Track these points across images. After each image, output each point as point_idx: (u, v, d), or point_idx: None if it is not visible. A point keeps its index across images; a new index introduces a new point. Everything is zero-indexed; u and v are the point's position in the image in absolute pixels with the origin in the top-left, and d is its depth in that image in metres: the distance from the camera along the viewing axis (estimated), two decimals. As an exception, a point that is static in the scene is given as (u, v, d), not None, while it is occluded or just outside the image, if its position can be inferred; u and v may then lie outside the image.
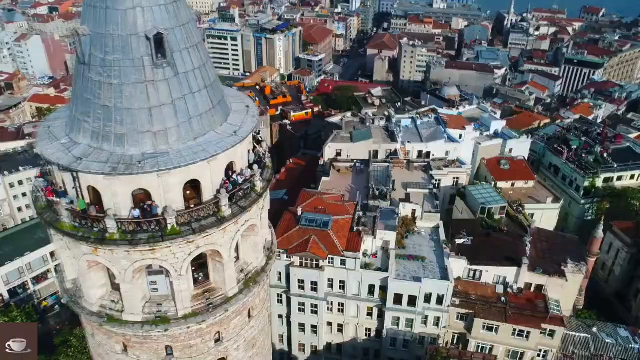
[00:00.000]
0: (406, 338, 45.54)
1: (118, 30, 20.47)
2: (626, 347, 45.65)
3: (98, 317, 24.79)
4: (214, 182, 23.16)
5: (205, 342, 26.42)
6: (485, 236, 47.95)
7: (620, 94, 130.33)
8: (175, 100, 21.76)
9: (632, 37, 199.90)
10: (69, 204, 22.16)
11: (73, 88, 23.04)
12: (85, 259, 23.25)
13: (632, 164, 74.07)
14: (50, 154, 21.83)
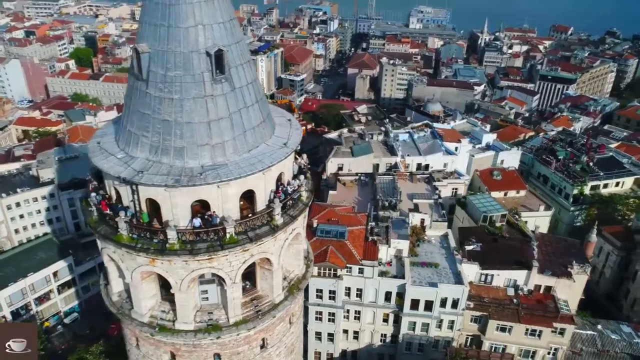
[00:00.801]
0: (421, 342, 46.62)
1: (180, 47, 21.44)
2: (630, 342, 47.86)
3: (149, 327, 25.20)
4: (266, 193, 24.08)
5: (252, 349, 27.02)
6: (492, 242, 49.75)
7: (595, 107, 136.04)
8: (232, 114, 22.74)
9: (600, 53, 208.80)
10: (127, 217, 22.79)
11: (126, 104, 23.78)
12: (140, 270, 23.76)
13: (617, 172, 77.51)
14: (108, 167, 22.48)
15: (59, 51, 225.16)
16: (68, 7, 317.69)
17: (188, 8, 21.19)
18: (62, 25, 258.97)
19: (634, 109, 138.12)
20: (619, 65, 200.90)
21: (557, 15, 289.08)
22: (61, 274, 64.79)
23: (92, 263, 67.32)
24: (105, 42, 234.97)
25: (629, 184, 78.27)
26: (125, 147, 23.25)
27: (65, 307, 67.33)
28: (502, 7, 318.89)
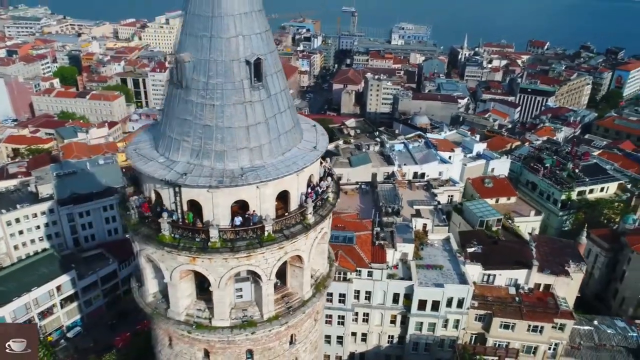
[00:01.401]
0: (428, 342, 48.12)
1: (222, 56, 22.94)
2: (625, 335, 50.28)
3: (186, 325, 26.22)
4: (299, 193, 25.54)
5: (282, 345, 28.15)
6: (492, 244, 51.82)
7: (574, 117, 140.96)
8: (268, 119, 24.24)
9: (576, 67, 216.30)
10: (169, 218, 23.99)
11: (165, 112, 25.07)
12: (180, 269, 24.88)
13: (602, 178, 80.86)
14: (152, 171, 23.67)
15: (42, 70, 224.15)
16: (50, 27, 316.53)
17: (229, 20, 22.77)
18: (44, 44, 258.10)
19: (611, 119, 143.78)
20: (595, 78, 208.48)
21: (533, 31, 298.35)
22: (64, 288, 64.77)
23: (93, 277, 67.44)
24: (90, 60, 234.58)
25: (613, 189, 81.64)
26: (166, 152, 24.49)
27: (68, 321, 67.12)
28: (480, 23, 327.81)
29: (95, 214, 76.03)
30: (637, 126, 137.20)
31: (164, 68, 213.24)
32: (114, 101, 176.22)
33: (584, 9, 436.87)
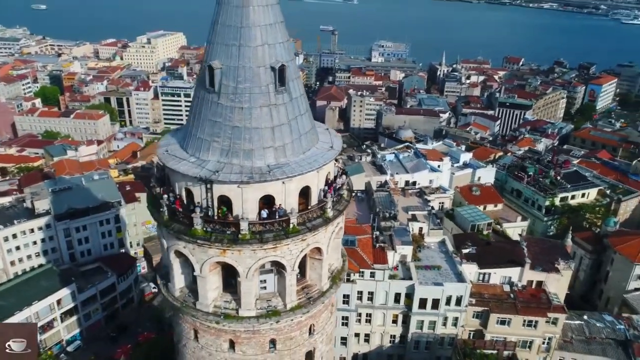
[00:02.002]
0: (428, 340, 50.06)
1: (250, 63, 25.05)
2: (613, 328, 52.98)
3: (214, 316, 27.78)
4: (318, 189, 27.58)
5: (302, 334, 29.83)
6: (486, 245, 54.36)
7: (552, 129, 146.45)
8: (290, 120, 26.33)
9: (551, 81, 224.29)
10: (201, 213, 25.74)
11: (194, 115, 26.96)
12: (210, 262, 26.55)
13: (583, 184, 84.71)
14: (185, 170, 25.49)
15: (23, 90, 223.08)
16: (29, 47, 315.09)
17: (256, 30, 24.95)
18: (24, 64, 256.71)
19: (587, 130, 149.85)
20: (569, 92, 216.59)
21: (508, 48, 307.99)
22: (64, 301, 64.95)
23: (93, 290, 67.79)
24: (72, 80, 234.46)
25: (593, 195, 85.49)
26: (196, 152, 26.34)
27: (68, 335, 67.09)
28: (457, 40, 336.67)
29: (91, 229, 76.52)
30: (612, 137, 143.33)
31: (148, 87, 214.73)
32: (99, 120, 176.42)
33: (555, 27, 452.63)
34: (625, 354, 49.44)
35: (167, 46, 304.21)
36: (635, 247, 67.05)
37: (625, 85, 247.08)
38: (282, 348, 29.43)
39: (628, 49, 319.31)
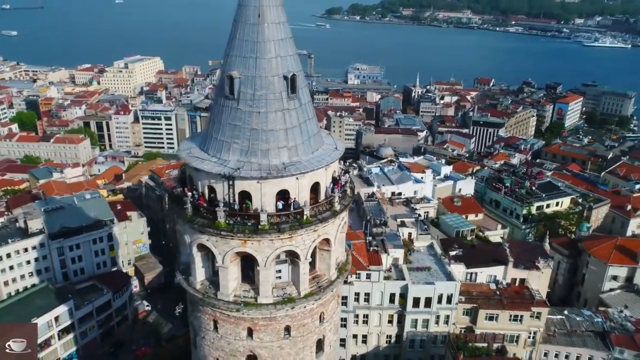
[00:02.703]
0: (422, 338, 52.70)
1: (265, 73, 28.15)
2: (592, 322, 56.57)
3: (235, 305, 30.14)
4: (327, 185, 30.53)
5: (314, 322, 32.31)
6: (471, 247, 57.75)
7: (525, 145, 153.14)
8: (300, 123, 29.39)
9: (521, 101, 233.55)
10: (225, 207, 28.35)
11: (214, 121, 29.76)
12: (231, 252, 29.06)
13: (556, 193, 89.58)
14: (210, 168, 28.20)
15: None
16: (3, 73, 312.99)
17: (270, 44, 28.16)
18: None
19: (557, 146, 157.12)
20: (538, 110, 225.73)
21: (478, 70, 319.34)
22: (62, 318, 65.22)
23: (89, 307, 68.39)
24: (49, 105, 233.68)
25: (566, 203, 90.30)
26: (217, 153, 29.09)
27: (64, 353, 67.10)
28: (429, 63, 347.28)
29: (84, 247, 77.23)
30: (581, 151, 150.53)
31: (128, 110, 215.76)
32: (80, 144, 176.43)
33: (522, 50, 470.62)
34: (604, 344, 52.98)
35: (144, 70, 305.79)
36: (608, 249, 71.40)
37: (590, 104, 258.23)
38: (296, 335, 31.83)
39: (590, 70, 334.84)
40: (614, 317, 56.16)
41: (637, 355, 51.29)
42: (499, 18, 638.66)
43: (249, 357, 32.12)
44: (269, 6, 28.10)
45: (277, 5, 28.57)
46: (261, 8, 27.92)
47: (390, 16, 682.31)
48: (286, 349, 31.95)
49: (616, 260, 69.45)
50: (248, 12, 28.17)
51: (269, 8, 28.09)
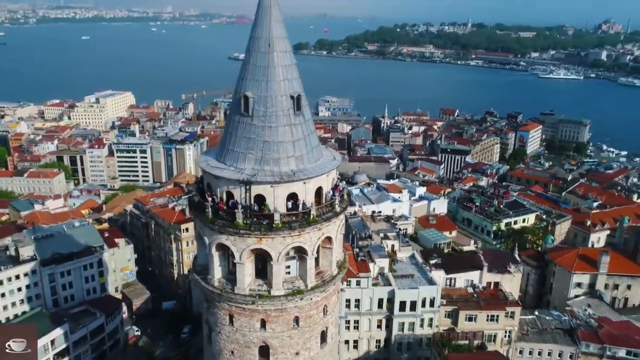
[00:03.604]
0: (409, 341, 56.61)
1: (275, 93, 32.84)
2: (560, 320, 61.84)
3: (251, 297, 33.86)
4: (328, 189, 35.06)
5: (319, 313, 36.18)
6: (449, 256, 62.70)
7: (491, 170, 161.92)
8: (305, 136, 34.04)
9: (485, 129, 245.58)
10: (242, 209, 32.44)
11: (230, 135, 34.02)
12: (248, 249, 33.01)
13: (522, 211, 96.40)
14: (229, 175, 32.38)
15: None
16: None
17: (279, 69, 32.99)
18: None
19: (521, 170, 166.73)
20: (501, 138, 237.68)
21: (443, 101, 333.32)
22: (57, 342, 66.01)
23: (84, 330, 69.56)
24: (19, 140, 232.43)
25: (532, 220, 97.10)
26: (234, 162, 33.32)
27: (59, 378, 67.82)
28: (396, 95, 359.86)
29: (75, 273, 78.43)
30: (543, 174, 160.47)
31: (102, 144, 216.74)
32: (54, 178, 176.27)
33: (483, 82, 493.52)
34: (572, 340, 58.13)
35: (116, 105, 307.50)
36: (571, 258, 77.62)
37: (549, 132, 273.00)
38: (304, 325, 35.61)
39: (547, 100, 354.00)
40: (579, 316, 61.69)
41: (601, 348, 56.66)
42: (460, 52, 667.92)
43: (261, 347, 35.64)
44: (277, 38, 33.08)
45: (284, 37, 33.58)
46: (271, 39, 32.85)
47: (356, 51, 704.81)
48: (295, 339, 35.62)
49: (579, 268, 75.58)
50: (260, 43, 33.03)
51: (277, 39, 33.05)
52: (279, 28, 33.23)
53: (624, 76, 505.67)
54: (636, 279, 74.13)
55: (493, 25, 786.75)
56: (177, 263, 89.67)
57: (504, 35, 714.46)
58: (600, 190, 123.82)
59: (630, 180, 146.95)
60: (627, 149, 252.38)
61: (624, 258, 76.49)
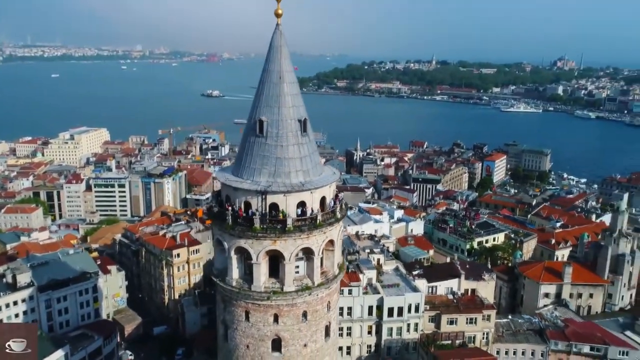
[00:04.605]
0: (397, 345, 61.57)
1: (285, 117, 38.76)
2: (531, 322, 68.08)
3: (266, 293, 38.84)
4: (330, 199, 40.82)
5: (323, 308, 41.21)
6: (429, 268, 68.65)
7: (461, 197, 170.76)
8: (310, 154, 39.95)
9: (453, 160, 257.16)
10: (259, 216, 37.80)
11: (246, 154, 39.62)
12: (263, 251, 38.21)
13: (492, 230, 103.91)
14: (247, 186, 37.81)
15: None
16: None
17: (288, 97, 39.09)
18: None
19: (489, 196, 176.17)
20: (469, 168, 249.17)
21: (412, 134, 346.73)
22: (58, 364, 68.14)
23: (82, 353, 71.59)
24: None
25: (502, 238, 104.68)
26: (250, 176, 38.79)
27: (59, 401, 69.10)
28: (367, 129, 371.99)
29: (71, 299, 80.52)
30: (509, 200, 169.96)
31: (79, 179, 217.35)
32: (32, 213, 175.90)
33: (449, 116, 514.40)
34: (542, 339, 64.24)
35: (90, 141, 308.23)
36: (539, 270, 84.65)
37: (513, 161, 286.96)
38: (311, 319, 40.56)
39: (509, 132, 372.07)
40: (547, 318, 68.09)
41: (567, 345, 62.93)
42: (426, 88, 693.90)
43: (274, 340, 40.37)
44: (287, 71, 39.32)
45: (291, 71, 39.88)
46: (281, 73, 39.05)
47: (325, 87, 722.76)
48: (303, 331, 40.48)
49: (546, 279, 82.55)
50: (272, 75, 39.20)
51: (286, 73, 39.29)
52: (287, 63, 39.56)
53: (579, 109, 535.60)
54: (596, 287, 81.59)
55: (456, 63, 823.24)
56: (169, 288, 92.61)
57: (466, 72, 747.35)
58: (562, 212, 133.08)
59: (589, 203, 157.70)
60: (586, 177, 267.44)
61: (585, 269, 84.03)
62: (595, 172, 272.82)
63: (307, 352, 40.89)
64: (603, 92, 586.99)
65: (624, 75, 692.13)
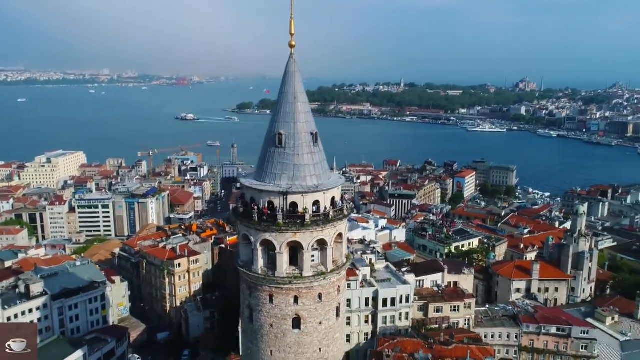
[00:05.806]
0: (391, 332, 69.31)
1: (300, 131, 46.72)
2: (506, 309, 77.10)
3: (288, 278, 46.31)
4: (338, 198, 48.89)
5: (335, 291, 48.75)
6: (416, 265, 77.10)
7: (436, 209, 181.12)
8: (321, 161, 48.03)
9: (426, 177, 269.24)
10: (280, 213, 45.52)
11: (267, 162, 47.44)
12: (285, 242, 45.85)
13: (467, 236, 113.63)
14: (271, 189, 45.52)
15: None
16: None
17: (302, 114, 47.22)
18: None
19: (462, 209, 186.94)
20: (441, 184, 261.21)
21: (386, 153, 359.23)
22: (77, 366, 72.83)
23: (99, 354, 76.58)
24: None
25: (476, 243, 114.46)
26: (272, 181, 46.49)
27: (76, 400, 73.53)
28: (342, 149, 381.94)
29: (81, 307, 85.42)
30: (480, 211, 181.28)
31: (62, 201, 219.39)
32: (18, 234, 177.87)
33: (419, 136, 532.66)
34: (515, 323, 73.25)
35: (67, 165, 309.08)
36: (510, 268, 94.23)
37: (482, 177, 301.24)
38: (325, 300, 47.95)
39: (476, 150, 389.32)
40: (519, 305, 77.20)
41: (537, 327, 72.05)
42: (396, 109, 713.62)
43: (294, 319, 47.68)
44: (300, 93, 47.56)
45: (303, 92, 48.11)
46: (296, 94, 47.27)
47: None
48: (319, 311, 47.82)
49: (517, 276, 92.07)
50: (288, 96, 47.35)
51: (300, 94, 47.51)
52: (300, 86, 47.78)
53: (541, 128, 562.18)
54: (561, 282, 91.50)
55: (423, 85, 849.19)
56: (170, 296, 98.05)
57: (434, 94, 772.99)
58: (529, 221, 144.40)
59: (553, 213, 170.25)
60: (550, 190, 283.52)
61: (551, 266, 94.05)
62: (558, 186, 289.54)
63: (322, 328, 48.26)
64: (563, 112, 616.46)
65: (582, 95, 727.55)
